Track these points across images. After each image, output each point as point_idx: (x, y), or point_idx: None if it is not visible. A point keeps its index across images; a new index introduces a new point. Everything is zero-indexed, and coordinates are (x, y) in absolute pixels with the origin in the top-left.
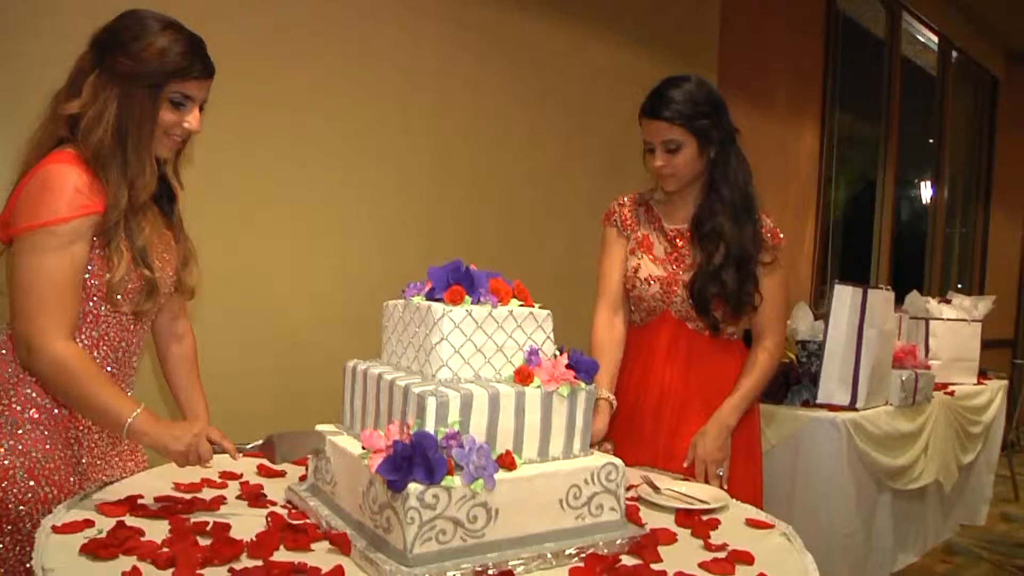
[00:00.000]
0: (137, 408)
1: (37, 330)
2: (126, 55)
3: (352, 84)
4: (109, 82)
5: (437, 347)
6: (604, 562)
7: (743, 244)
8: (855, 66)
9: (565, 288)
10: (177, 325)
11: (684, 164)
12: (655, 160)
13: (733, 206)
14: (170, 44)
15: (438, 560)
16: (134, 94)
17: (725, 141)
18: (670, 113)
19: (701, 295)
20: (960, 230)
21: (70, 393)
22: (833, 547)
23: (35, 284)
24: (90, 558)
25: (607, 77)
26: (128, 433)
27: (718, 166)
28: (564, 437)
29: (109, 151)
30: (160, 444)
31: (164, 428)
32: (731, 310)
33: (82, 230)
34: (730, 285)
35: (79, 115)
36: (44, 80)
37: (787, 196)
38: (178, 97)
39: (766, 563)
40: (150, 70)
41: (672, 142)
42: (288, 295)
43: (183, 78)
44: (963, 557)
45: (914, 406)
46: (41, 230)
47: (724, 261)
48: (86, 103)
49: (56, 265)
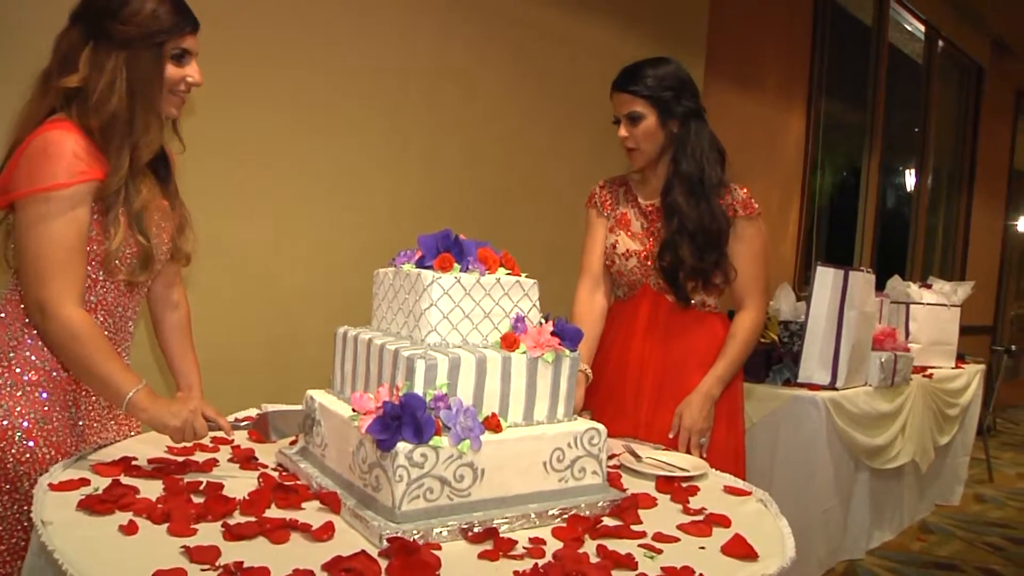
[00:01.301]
0: (139, 384)
1: (51, 295)
2: (120, 22)
3: (345, 60)
4: (111, 51)
5: (426, 313)
6: (586, 523)
7: (699, 219)
8: (842, 53)
9: (553, 264)
10: (172, 292)
11: (644, 136)
12: (620, 131)
13: (690, 180)
14: (157, 5)
15: (425, 517)
16: (139, 56)
17: (687, 117)
18: (634, 86)
19: (662, 267)
20: (943, 217)
21: (77, 360)
22: (811, 523)
23: (45, 250)
24: (87, 513)
25: (597, 60)
26: (127, 407)
27: (679, 140)
28: (548, 402)
29: (123, 119)
30: (157, 420)
31: (162, 404)
32: (699, 282)
33: (82, 195)
34: (687, 258)
35: (80, 88)
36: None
37: (773, 180)
38: (178, 51)
39: (742, 526)
40: (149, 31)
41: (634, 112)
42: (279, 265)
43: (180, 33)
44: (937, 535)
45: (893, 387)
46: (41, 195)
47: (678, 234)
48: (88, 76)
49: (63, 230)
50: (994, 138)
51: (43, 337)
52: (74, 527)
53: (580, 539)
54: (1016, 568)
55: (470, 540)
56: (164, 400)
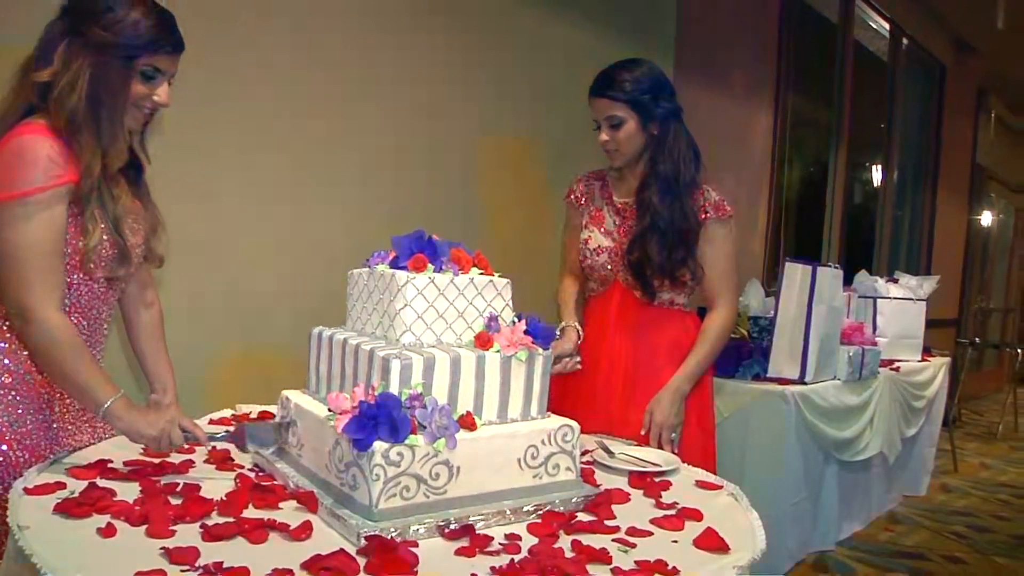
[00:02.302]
0: (116, 393)
1: (33, 300)
2: (99, 26)
3: (312, 60)
4: (82, 51)
5: (401, 313)
6: (560, 518)
7: (671, 217)
8: (809, 50)
9: (523, 261)
10: (145, 294)
11: (626, 139)
12: (600, 135)
13: (666, 179)
14: (142, 18)
15: (402, 515)
16: (107, 64)
17: (667, 118)
18: (613, 91)
19: (629, 261)
20: (909, 212)
21: (57, 366)
22: (782, 515)
23: (24, 253)
24: (64, 516)
25: (567, 56)
26: (104, 415)
27: (658, 141)
28: (522, 400)
29: (82, 119)
30: (133, 429)
31: (138, 414)
32: (665, 279)
33: (59, 196)
34: (654, 255)
35: (50, 83)
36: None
37: (741, 176)
38: (149, 70)
39: (714, 520)
40: (123, 42)
41: (614, 118)
42: (251, 266)
43: (155, 52)
44: (904, 525)
45: (861, 381)
46: (18, 201)
47: (647, 231)
48: (58, 71)
49: (41, 234)
50: (957, 134)
51: (23, 341)
52: (51, 531)
53: (555, 534)
54: (979, 555)
55: (447, 537)
56: (141, 410)
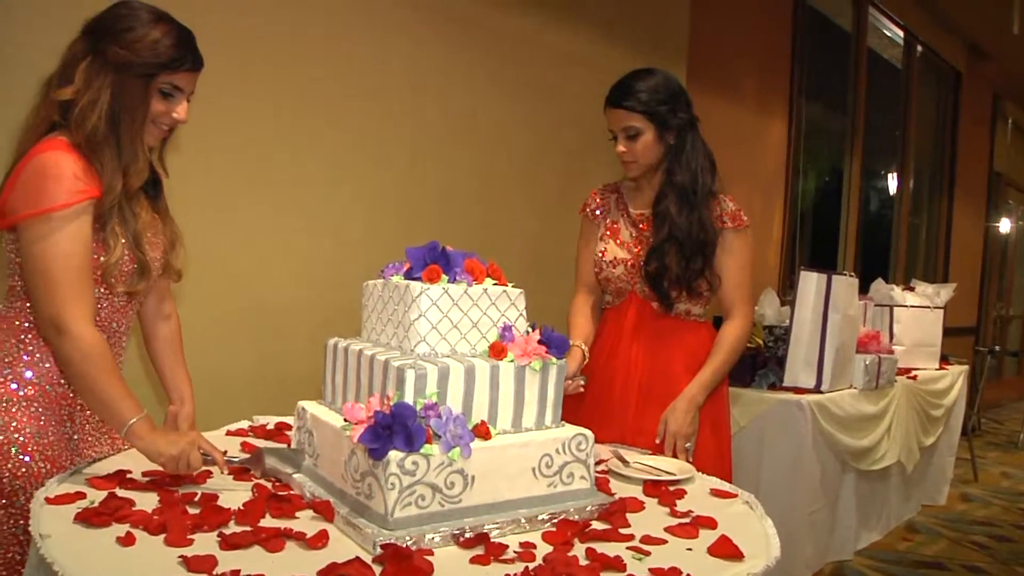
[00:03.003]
0: (140, 412)
1: (69, 314)
2: (119, 44)
3: (328, 73)
4: (102, 70)
5: (415, 323)
6: (575, 527)
7: (689, 228)
8: (822, 58)
9: (536, 271)
10: (163, 307)
11: (643, 150)
12: (617, 146)
13: (683, 190)
14: (162, 36)
15: (417, 524)
16: (127, 82)
17: (684, 129)
18: (630, 102)
19: (647, 272)
20: (925, 220)
21: (85, 379)
22: (799, 525)
23: (54, 267)
24: (84, 525)
25: (579, 66)
26: (126, 433)
27: (675, 152)
28: (536, 409)
29: (103, 137)
30: (153, 449)
31: (160, 434)
32: (683, 289)
33: (84, 210)
34: (672, 267)
35: (71, 101)
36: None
37: (755, 185)
38: (168, 88)
39: (728, 528)
40: (143, 61)
41: (631, 129)
42: (266, 278)
43: (174, 70)
44: (924, 535)
45: (877, 389)
46: (44, 216)
47: (666, 243)
48: (79, 89)
49: (70, 248)
50: (973, 141)
51: (54, 353)
52: (72, 539)
53: (570, 543)
54: (1001, 565)
55: (462, 545)
56: (161, 431)
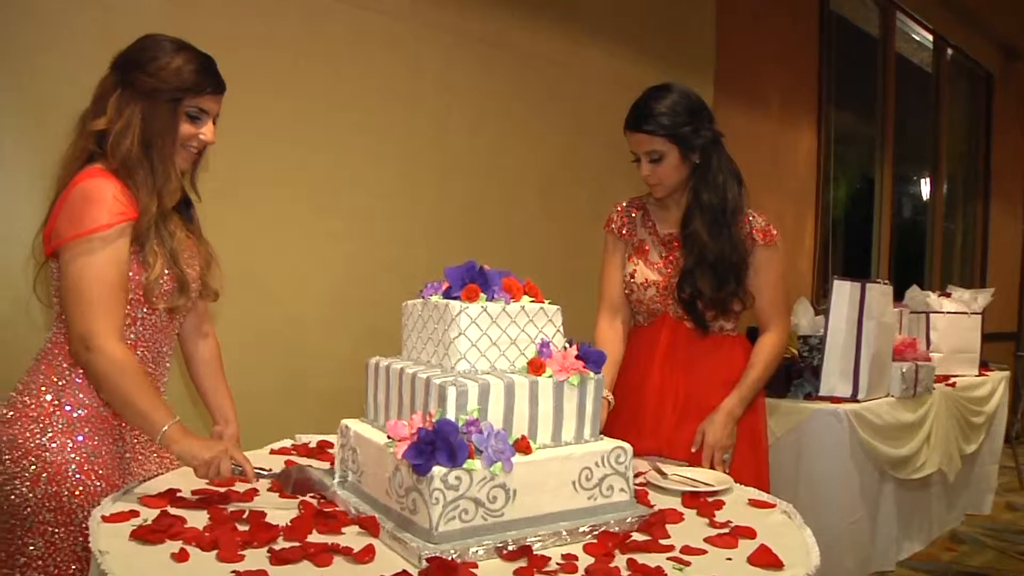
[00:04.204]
0: (173, 419)
1: (97, 330)
2: (146, 74)
3: (361, 93)
4: (132, 99)
5: (455, 341)
6: (616, 538)
7: (719, 249)
8: (850, 65)
9: (565, 287)
10: (202, 327)
11: (667, 172)
12: (642, 170)
13: (712, 211)
14: (184, 63)
15: (461, 537)
16: (156, 108)
17: (707, 146)
18: (650, 126)
19: (680, 298)
20: (961, 225)
21: (118, 393)
22: (839, 536)
23: (87, 284)
24: (140, 543)
25: (605, 83)
26: (161, 439)
27: (700, 171)
28: (575, 423)
29: (136, 161)
30: (187, 453)
31: (193, 439)
32: (718, 310)
33: (123, 232)
34: (705, 289)
35: (106, 131)
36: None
37: (785, 195)
38: (194, 111)
39: (767, 537)
40: (168, 87)
41: (654, 152)
42: (306, 298)
43: (198, 93)
44: (968, 545)
45: (915, 397)
46: (85, 238)
47: (697, 266)
48: (112, 119)
49: (103, 267)
50: (1008, 143)
51: (85, 369)
52: (129, 556)
53: (611, 554)
54: None
55: (505, 558)
56: (195, 436)
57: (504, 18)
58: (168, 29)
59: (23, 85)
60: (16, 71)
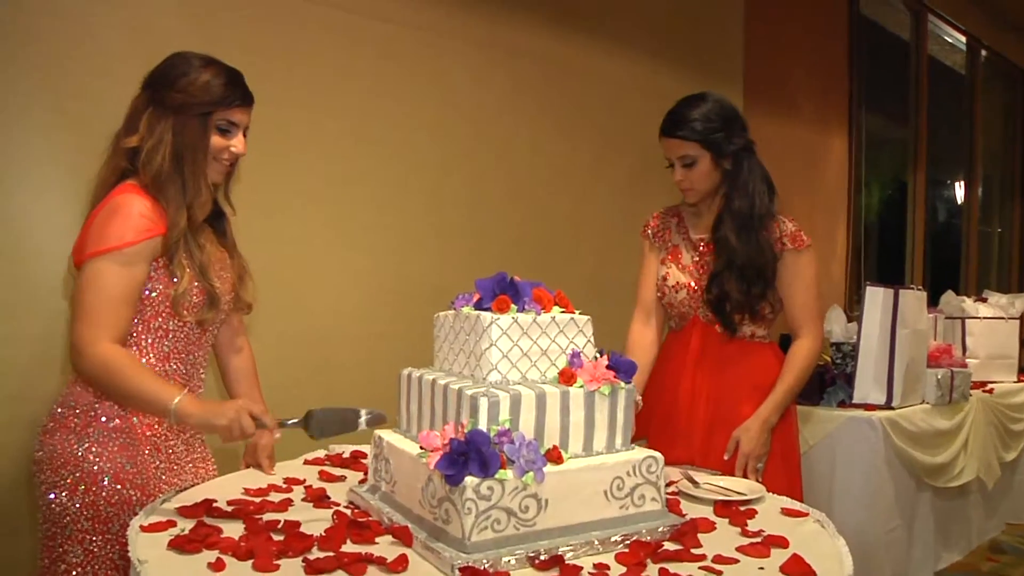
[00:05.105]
0: (181, 392)
1: (82, 336)
2: (175, 90)
3: (391, 104)
4: (163, 115)
5: (487, 352)
6: (648, 548)
7: (747, 254)
8: (881, 69)
9: (597, 296)
10: (236, 340)
11: (700, 178)
12: (675, 175)
13: (741, 216)
14: (212, 78)
15: (494, 547)
16: (187, 123)
17: (739, 153)
18: (684, 131)
19: (709, 300)
20: (997, 228)
21: (116, 388)
22: (876, 545)
23: (89, 297)
24: (177, 552)
25: (634, 92)
26: (175, 415)
27: (732, 177)
28: (607, 433)
29: (167, 175)
30: (205, 421)
31: (208, 406)
32: (745, 314)
33: (145, 253)
34: (733, 293)
35: (138, 148)
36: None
37: (817, 201)
38: (224, 124)
39: (800, 547)
40: (198, 101)
41: (687, 157)
42: (337, 310)
43: (227, 107)
44: (1010, 555)
45: (951, 404)
46: (107, 255)
47: (726, 268)
48: (143, 136)
49: (113, 281)
50: None
51: (83, 378)
52: (168, 565)
53: (643, 563)
54: None
55: (537, 567)
56: (209, 402)
57: (536, 30)
58: (195, 43)
59: (64, 106)
60: (59, 91)
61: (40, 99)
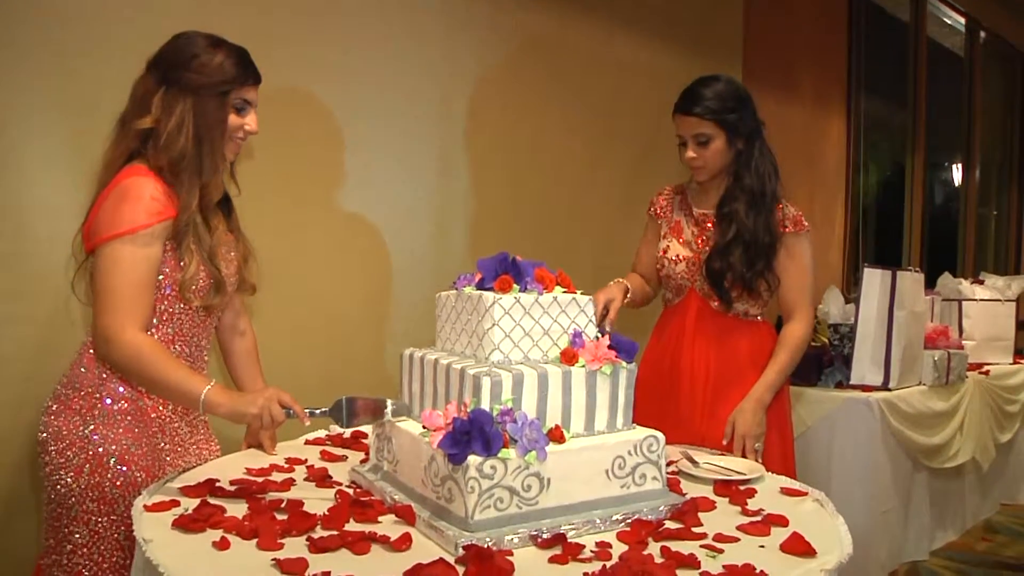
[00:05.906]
0: (209, 383)
1: (112, 323)
2: (190, 70)
3: (393, 87)
4: (179, 95)
5: (489, 332)
6: (649, 526)
7: (754, 229)
8: (880, 51)
9: (598, 280)
10: (239, 322)
11: (713, 156)
12: (687, 152)
13: (752, 193)
14: (225, 58)
15: (496, 526)
16: (206, 102)
17: (752, 134)
18: (700, 109)
19: (710, 270)
20: (993, 212)
21: (146, 377)
22: (872, 525)
23: (113, 282)
24: (182, 531)
25: (635, 75)
26: (204, 405)
27: (743, 156)
28: (608, 412)
29: (190, 158)
30: (235, 410)
31: (238, 396)
32: (744, 288)
33: (158, 234)
34: (736, 265)
35: (152, 129)
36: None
37: (816, 183)
38: (239, 102)
39: (800, 525)
40: (215, 80)
41: (702, 135)
42: (338, 291)
43: (242, 84)
44: (1004, 535)
45: (948, 385)
46: (120, 238)
47: (732, 241)
48: (159, 118)
49: (131, 265)
50: None
51: (110, 364)
52: (172, 544)
53: (644, 542)
54: None
55: (540, 546)
56: (238, 392)
57: (537, 13)
58: (199, 22)
59: (66, 88)
60: (58, 73)
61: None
